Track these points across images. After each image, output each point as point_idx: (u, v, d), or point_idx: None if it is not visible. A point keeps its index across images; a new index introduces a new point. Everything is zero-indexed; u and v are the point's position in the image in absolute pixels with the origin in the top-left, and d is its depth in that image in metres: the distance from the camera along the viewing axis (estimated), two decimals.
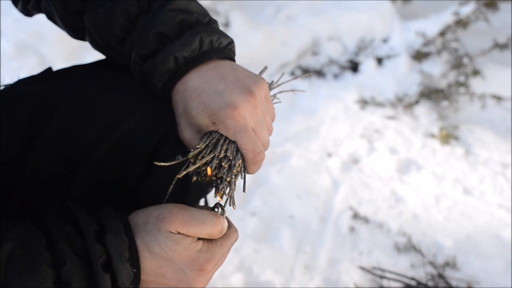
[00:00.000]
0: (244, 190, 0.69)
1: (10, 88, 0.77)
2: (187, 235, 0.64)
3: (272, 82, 0.83)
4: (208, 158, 0.68)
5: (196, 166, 0.68)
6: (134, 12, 0.72)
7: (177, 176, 0.68)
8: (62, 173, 0.74)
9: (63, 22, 0.78)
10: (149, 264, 0.63)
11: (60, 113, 0.73)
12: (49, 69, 0.83)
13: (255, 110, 0.70)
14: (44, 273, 0.56)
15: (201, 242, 0.66)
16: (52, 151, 0.73)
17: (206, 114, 0.68)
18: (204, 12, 0.76)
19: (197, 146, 0.67)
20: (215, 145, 0.68)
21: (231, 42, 0.77)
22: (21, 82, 0.79)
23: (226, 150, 0.68)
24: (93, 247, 0.59)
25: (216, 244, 0.68)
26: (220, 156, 0.67)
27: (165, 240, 0.63)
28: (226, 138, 0.68)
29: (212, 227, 0.66)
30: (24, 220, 0.62)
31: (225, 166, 0.68)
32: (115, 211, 0.65)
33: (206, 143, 0.68)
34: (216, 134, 0.69)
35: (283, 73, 0.84)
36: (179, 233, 0.64)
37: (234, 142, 0.69)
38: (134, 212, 0.67)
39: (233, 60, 0.78)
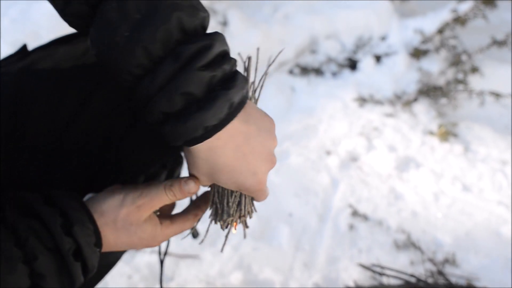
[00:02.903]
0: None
1: None
2: (150, 220, 0.72)
3: (253, 82, 0.80)
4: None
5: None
6: (157, 53, 0.59)
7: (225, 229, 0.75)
8: (55, 139, 0.78)
9: (64, 18, 0.66)
10: (113, 240, 0.71)
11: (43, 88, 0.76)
12: (24, 46, 0.85)
13: None
14: (20, 270, 0.59)
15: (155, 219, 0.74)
16: (43, 124, 0.77)
17: (235, 186, 0.69)
18: (229, 61, 0.65)
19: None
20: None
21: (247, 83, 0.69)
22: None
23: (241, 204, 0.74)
24: (62, 240, 0.62)
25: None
26: (242, 215, 0.74)
27: (135, 230, 0.70)
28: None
29: (163, 200, 0.71)
30: None
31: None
32: (75, 200, 0.68)
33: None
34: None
35: (266, 74, 0.82)
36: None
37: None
38: (90, 199, 0.71)
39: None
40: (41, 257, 0.61)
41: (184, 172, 0.84)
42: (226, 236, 0.75)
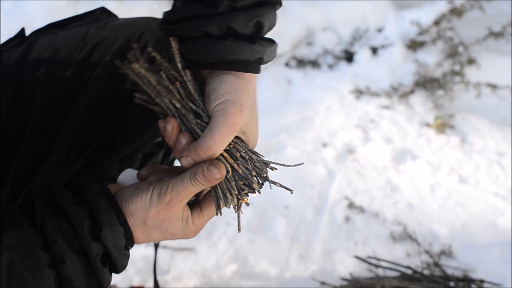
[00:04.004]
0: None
1: None
2: (181, 214, 0.69)
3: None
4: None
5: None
6: None
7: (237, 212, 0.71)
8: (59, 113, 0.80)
9: None
10: (145, 238, 0.69)
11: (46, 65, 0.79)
12: (23, 30, 0.87)
13: None
14: (46, 275, 0.58)
15: (186, 213, 0.71)
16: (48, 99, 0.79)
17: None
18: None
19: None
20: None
21: None
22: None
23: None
24: (90, 245, 0.61)
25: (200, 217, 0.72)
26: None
27: (167, 226, 0.68)
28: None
29: (191, 192, 0.68)
30: (15, 215, 0.61)
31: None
32: (104, 197, 0.65)
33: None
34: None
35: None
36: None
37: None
38: (124, 198, 0.68)
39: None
40: (69, 261, 0.60)
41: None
42: (238, 216, 0.71)
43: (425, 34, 2.85)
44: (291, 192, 0.69)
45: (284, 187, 0.70)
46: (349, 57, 2.89)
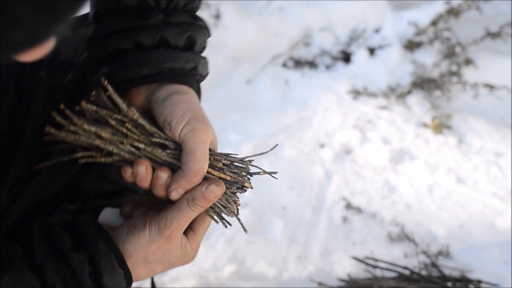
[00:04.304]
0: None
1: None
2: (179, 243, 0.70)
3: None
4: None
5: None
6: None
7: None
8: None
9: None
10: (146, 274, 0.69)
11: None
12: None
13: None
14: None
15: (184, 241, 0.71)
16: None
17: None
18: None
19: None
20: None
21: None
22: None
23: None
24: None
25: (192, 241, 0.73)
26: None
27: (168, 258, 0.68)
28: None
29: (190, 218, 0.68)
30: (14, 256, 0.61)
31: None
32: (103, 239, 0.65)
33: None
34: None
35: None
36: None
37: None
38: (120, 239, 0.67)
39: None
40: None
41: None
42: (239, 219, 0.71)
43: (423, 34, 2.85)
44: (276, 178, 0.70)
45: (268, 173, 0.70)
46: (346, 57, 2.89)
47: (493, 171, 2.21)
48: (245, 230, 0.70)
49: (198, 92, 0.75)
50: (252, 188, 0.69)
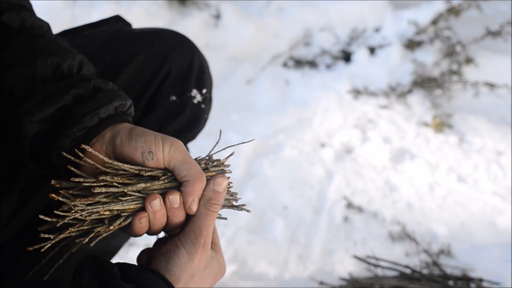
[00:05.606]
0: None
1: None
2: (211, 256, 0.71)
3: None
4: None
5: None
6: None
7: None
8: None
9: None
10: None
11: None
12: None
13: None
14: None
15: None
16: None
17: None
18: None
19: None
20: None
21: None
22: None
23: None
24: None
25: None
26: None
27: (209, 271, 0.70)
28: None
29: (214, 219, 0.70)
30: None
31: None
32: (148, 272, 0.64)
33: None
34: None
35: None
36: None
37: None
38: (162, 268, 0.67)
39: None
40: None
41: None
42: (243, 206, 0.76)
43: (423, 33, 2.85)
44: (231, 154, 0.76)
45: (227, 157, 0.75)
46: (346, 57, 2.89)
47: (494, 170, 2.21)
48: (247, 210, 0.76)
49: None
50: (230, 172, 0.74)
